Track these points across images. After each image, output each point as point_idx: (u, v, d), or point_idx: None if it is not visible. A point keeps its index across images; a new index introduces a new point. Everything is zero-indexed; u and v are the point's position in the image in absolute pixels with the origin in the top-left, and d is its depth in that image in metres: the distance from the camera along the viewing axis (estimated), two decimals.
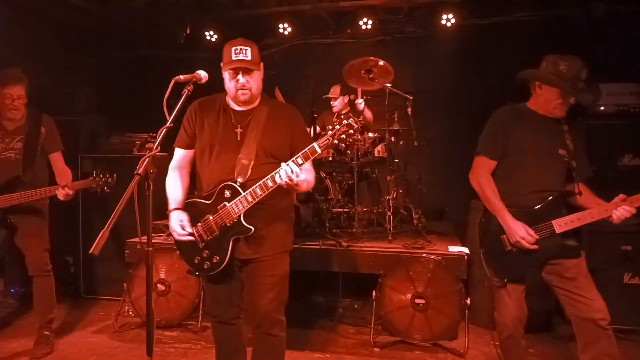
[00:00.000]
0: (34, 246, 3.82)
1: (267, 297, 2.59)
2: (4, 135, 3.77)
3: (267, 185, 2.36)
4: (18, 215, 3.73)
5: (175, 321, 4.22)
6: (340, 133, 2.27)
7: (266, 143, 2.52)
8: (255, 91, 2.55)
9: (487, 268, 2.90)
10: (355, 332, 4.24)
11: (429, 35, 5.94)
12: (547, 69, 2.80)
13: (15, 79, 3.71)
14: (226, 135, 2.55)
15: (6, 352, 3.80)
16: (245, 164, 2.47)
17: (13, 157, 3.76)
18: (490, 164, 2.89)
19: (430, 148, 5.36)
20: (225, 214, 2.46)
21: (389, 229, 4.38)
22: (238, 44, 2.48)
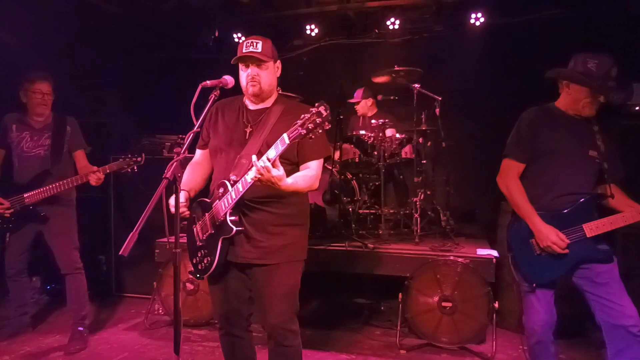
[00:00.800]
0: (63, 245, 3.96)
1: (278, 310, 2.49)
2: (32, 133, 3.94)
3: (246, 182, 2.26)
4: (48, 211, 3.89)
5: (204, 320, 4.28)
6: (309, 122, 2.08)
7: (272, 141, 2.41)
8: (265, 86, 2.51)
9: (516, 273, 2.84)
10: (381, 333, 4.23)
11: (457, 35, 5.85)
12: (575, 67, 2.73)
13: (43, 77, 3.92)
14: (236, 134, 2.53)
15: (42, 347, 3.91)
16: (244, 162, 2.40)
17: (42, 154, 3.93)
18: (519, 167, 2.83)
19: (458, 149, 5.29)
20: (216, 212, 2.42)
21: (416, 231, 4.35)
22: (251, 38, 2.49)
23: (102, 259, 5.31)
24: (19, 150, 3.92)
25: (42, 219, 3.89)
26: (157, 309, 4.46)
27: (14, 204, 3.82)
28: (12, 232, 3.91)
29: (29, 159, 3.91)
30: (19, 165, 3.93)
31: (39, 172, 3.88)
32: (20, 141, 3.93)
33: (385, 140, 4.67)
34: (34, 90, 3.87)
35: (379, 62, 5.28)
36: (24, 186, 3.85)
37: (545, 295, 2.77)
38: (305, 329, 4.21)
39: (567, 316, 2.88)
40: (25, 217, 3.87)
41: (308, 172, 2.46)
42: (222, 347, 2.75)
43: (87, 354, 3.81)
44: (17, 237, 3.93)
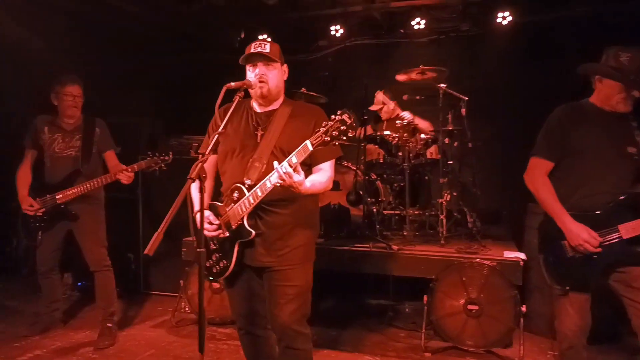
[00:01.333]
0: (92, 243, 4.06)
1: (288, 309, 2.48)
2: (64, 135, 4.05)
3: (265, 186, 2.28)
4: (79, 209, 4.01)
5: (229, 318, 4.30)
6: (333, 129, 2.08)
7: (283, 143, 2.45)
8: (273, 87, 2.50)
9: (547, 275, 2.74)
10: (405, 335, 4.20)
11: (484, 34, 5.77)
12: (607, 61, 2.65)
13: (73, 80, 4.02)
14: (247, 138, 2.53)
15: (72, 342, 4.02)
16: (257, 166, 2.43)
17: (74, 154, 4.04)
18: (547, 165, 2.74)
19: (485, 149, 5.21)
20: (232, 215, 2.43)
21: (442, 233, 4.30)
22: (259, 41, 2.51)
23: (130, 257, 5.41)
24: (51, 152, 4.03)
25: (73, 217, 4.00)
26: (183, 307, 4.52)
27: (46, 203, 3.94)
28: (44, 230, 4.03)
29: (61, 160, 4.02)
30: (51, 166, 4.04)
31: (70, 171, 3.99)
32: (52, 143, 4.03)
33: (410, 141, 4.64)
34: (65, 93, 3.97)
35: (404, 62, 5.23)
36: (55, 186, 3.97)
37: (578, 299, 2.68)
38: (329, 329, 4.25)
39: (598, 319, 2.79)
40: (56, 216, 3.99)
41: (323, 173, 2.47)
42: (243, 346, 2.78)
43: (115, 349, 3.89)
44: (49, 235, 4.05)
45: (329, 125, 2.10)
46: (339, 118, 2.09)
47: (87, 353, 3.80)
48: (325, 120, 2.47)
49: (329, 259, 4.09)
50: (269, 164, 2.40)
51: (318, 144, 2.12)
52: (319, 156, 2.45)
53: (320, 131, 2.12)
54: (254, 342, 2.73)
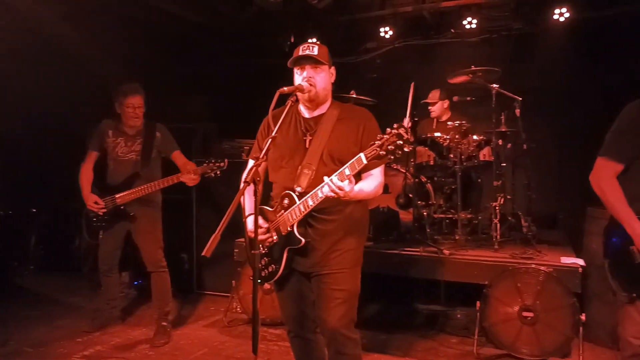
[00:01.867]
0: (149, 244, 4.21)
1: (337, 314, 2.46)
2: (126, 139, 4.21)
3: (317, 196, 2.28)
4: (137, 211, 4.16)
5: (280, 319, 4.35)
6: (388, 143, 2.06)
7: (333, 148, 2.44)
8: (320, 90, 2.48)
9: (613, 281, 2.59)
10: (457, 342, 4.11)
11: (538, 32, 5.60)
12: None
13: (135, 90, 4.14)
14: (295, 144, 2.53)
15: (130, 339, 4.17)
16: (306, 172, 2.42)
17: (135, 158, 4.20)
18: (616, 167, 2.56)
19: (540, 151, 5.03)
20: (282, 222, 2.44)
21: (495, 237, 4.19)
22: (307, 43, 2.50)
23: (184, 257, 5.55)
24: (114, 155, 4.19)
25: (131, 219, 4.16)
26: (235, 307, 4.61)
27: (107, 204, 4.12)
28: (105, 230, 4.21)
29: (123, 163, 4.18)
30: (114, 169, 4.21)
31: (130, 174, 4.16)
32: (116, 146, 4.19)
33: (462, 143, 4.55)
34: (127, 104, 4.10)
35: (455, 63, 5.13)
36: (115, 187, 4.14)
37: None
38: (379, 333, 4.22)
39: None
40: (116, 216, 4.16)
41: (372, 179, 2.46)
42: (293, 349, 2.80)
43: (170, 348, 4.01)
44: (110, 235, 4.22)
45: (385, 139, 2.08)
46: (395, 132, 2.07)
47: (144, 350, 3.94)
48: (374, 124, 2.51)
49: (378, 263, 4.06)
50: (318, 170, 2.41)
51: (372, 157, 2.13)
52: (370, 162, 2.43)
53: (375, 144, 2.11)
54: (303, 345, 2.74)
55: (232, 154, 5.35)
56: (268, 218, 2.54)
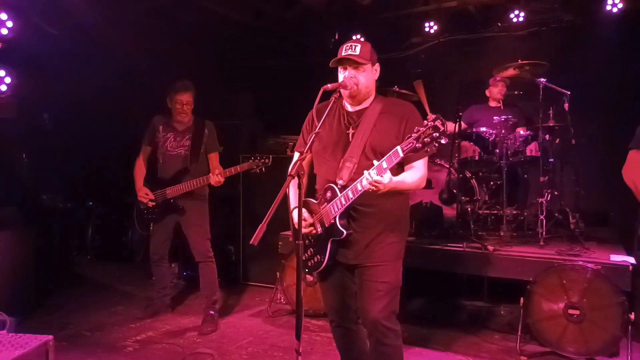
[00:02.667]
0: (197, 235, 4.37)
1: (379, 305, 2.49)
2: (175, 135, 4.38)
3: (356, 189, 2.32)
4: (186, 204, 4.32)
5: (322, 311, 4.42)
6: (425, 136, 2.06)
7: (375, 142, 2.46)
8: (362, 88, 2.50)
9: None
10: (500, 338, 4.08)
11: (589, 23, 5.41)
12: None
13: (185, 87, 4.30)
14: (339, 137, 2.57)
15: (179, 326, 4.36)
16: (348, 165, 2.46)
17: (183, 153, 4.36)
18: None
19: (590, 146, 4.91)
20: (325, 214, 2.49)
21: (541, 234, 4.13)
22: (351, 42, 2.52)
23: (231, 249, 5.72)
24: (164, 149, 4.38)
25: (181, 212, 4.33)
26: (279, 298, 4.72)
27: (157, 197, 4.31)
28: (155, 222, 4.40)
29: (172, 158, 4.36)
30: (163, 163, 4.40)
31: (179, 169, 4.33)
32: (165, 141, 4.38)
33: (509, 138, 4.49)
34: (176, 100, 4.27)
35: (501, 57, 5.04)
36: (166, 181, 4.32)
37: None
38: (420, 327, 4.24)
39: None
40: (166, 209, 4.35)
41: (414, 171, 2.47)
42: (335, 339, 2.86)
43: (217, 335, 4.16)
44: (160, 227, 4.41)
45: (421, 132, 2.09)
46: (431, 124, 2.07)
47: (193, 337, 4.11)
48: (417, 118, 2.50)
49: (421, 258, 4.08)
50: (360, 163, 2.45)
51: (409, 150, 2.14)
52: (412, 155, 2.42)
53: (411, 137, 2.12)
54: (345, 335, 2.80)
55: (277, 149, 5.48)
56: (312, 210, 2.60)
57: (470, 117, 5.29)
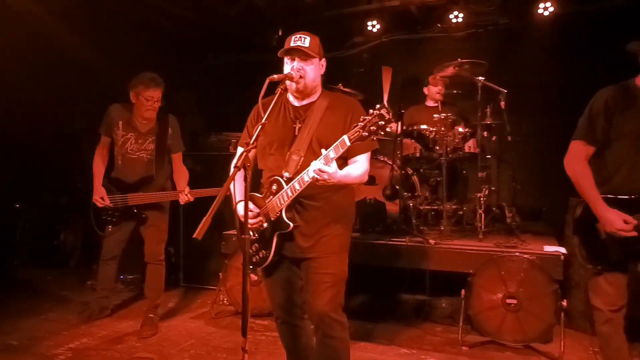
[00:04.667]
0: (154, 236, 4.19)
1: (325, 297, 2.50)
2: (137, 136, 4.11)
3: (303, 180, 2.32)
4: (148, 211, 4.13)
5: (267, 310, 4.37)
6: (371, 124, 2.08)
7: (321, 136, 2.47)
8: (309, 81, 2.51)
9: (581, 255, 2.79)
10: (442, 330, 4.18)
11: (524, 26, 5.67)
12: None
13: (156, 82, 4.01)
14: (285, 131, 2.56)
15: (117, 331, 4.16)
16: (294, 159, 2.46)
17: (145, 157, 4.13)
18: (588, 150, 2.72)
19: (525, 144, 5.13)
20: (271, 208, 2.47)
21: (480, 227, 4.26)
22: (299, 33, 2.51)
23: (170, 250, 5.54)
24: (124, 151, 4.09)
25: (142, 220, 4.14)
26: (222, 299, 4.63)
27: (116, 202, 4.07)
28: (114, 225, 4.17)
29: (132, 162, 4.10)
30: (122, 164, 4.13)
31: (143, 176, 4.10)
32: (125, 142, 4.09)
33: (448, 135, 4.60)
34: (146, 97, 3.96)
35: (441, 57, 5.19)
36: (127, 185, 4.09)
37: (615, 278, 2.71)
38: (365, 322, 4.28)
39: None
40: (126, 215, 4.13)
41: (358, 165, 2.49)
42: (281, 336, 2.83)
43: (157, 339, 4.01)
44: (119, 229, 4.19)
45: (367, 120, 2.11)
46: (377, 113, 2.09)
47: (131, 342, 3.93)
48: (362, 112, 2.49)
49: (365, 253, 4.11)
50: (306, 156, 2.44)
51: (356, 139, 2.15)
52: (355, 149, 2.45)
53: (358, 126, 2.13)
54: (291, 332, 2.77)
55: (219, 147, 5.38)
56: (257, 204, 2.56)
57: (410, 119, 5.40)
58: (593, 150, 2.72)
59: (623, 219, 2.55)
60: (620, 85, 2.72)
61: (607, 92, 2.71)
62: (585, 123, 2.74)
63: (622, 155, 2.66)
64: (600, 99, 2.71)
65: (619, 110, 2.64)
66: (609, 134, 2.67)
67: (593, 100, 2.74)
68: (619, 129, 2.64)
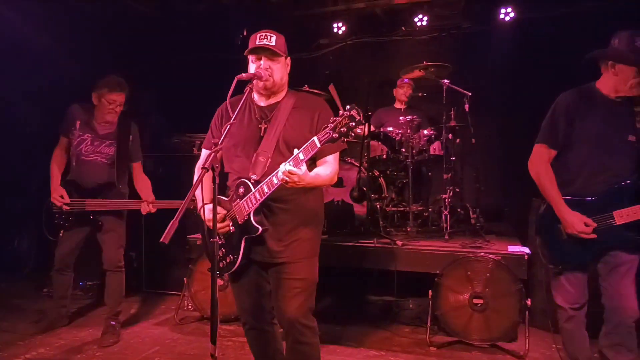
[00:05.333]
0: (112, 242, 4.04)
1: (295, 303, 2.46)
2: (94, 138, 3.97)
3: (272, 183, 2.25)
4: (104, 217, 3.98)
5: (233, 315, 4.30)
6: (341, 126, 2.05)
7: (288, 136, 2.43)
8: (277, 79, 2.47)
9: (543, 255, 2.87)
10: (410, 331, 4.20)
11: (486, 31, 5.80)
12: (620, 46, 2.66)
13: (121, 86, 3.92)
14: (250, 132, 2.51)
15: (77, 340, 4.00)
16: (261, 160, 2.41)
17: (99, 161, 3.98)
18: (550, 153, 2.80)
19: (488, 146, 5.24)
20: (238, 211, 2.42)
21: (445, 228, 4.31)
22: (264, 32, 2.46)
23: (132, 255, 5.40)
24: (78, 151, 3.96)
25: (98, 227, 3.99)
26: (186, 305, 4.53)
27: (74, 206, 3.91)
28: (66, 229, 4.00)
29: (87, 164, 3.96)
30: (76, 166, 3.98)
31: (102, 182, 3.96)
32: (81, 143, 3.95)
33: (414, 137, 4.65)
34: (109, 100, 3.88)
35: (407, 60, 5.26)
36: (83, 190, 3.94)
37: (575, 277, 2.80)
38: (334, 325, 4.25)
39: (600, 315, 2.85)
40: (81, 220, 3.97)
41: (327, 166, 2.46)
42: (249, 342, 2.77)
43: (119, 347, 3.88)
44: (72, 235, 4.02)
45: (337, 121, 2.07)
46: (347, 114, 2.06)
47: (91, 351, 3.79)
48: (328, 111, 2.50)
49: (333, 256, 4.09)
50: (274, 158, 2.40)
51: (326, 140, 2.11)
52: (324, 150, 2.40)
53: (328, 127, 2.10)
54: (260, 337, 2.72)
55: (182, 148, 5.27)
56: (224, 208, 2.50)
57: (378, 120, 5.43)
58: (555, 153, 2.80)
59: (584, 221, 2.64)
60: (581, 89, 2.80)
61: (568, 96, 2.78)
62: (547, 127, 2.82)
63: (583, 158, 2.73)
64: (561, 103, 2.78)
65: (579, 114, 2.71)
66: (571, 138, 2.74)
67: (555, 104, 2.82)
68: (580, 132, 2.72)
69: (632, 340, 2.71)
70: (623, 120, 2.70)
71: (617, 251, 2.67)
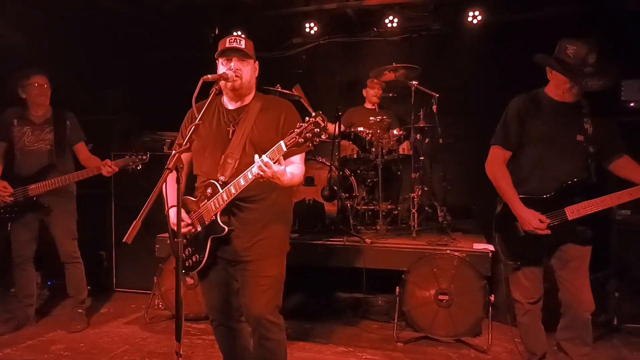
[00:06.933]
0: (63, 235, 4.11)
1: (262, 300, 2.50)
2: (33, 128, 4.05)
3: (239, 184, 2.30)
4: (51, 202, 4.03)
5: (203, 314, 4.31)
6: (307, 131, 2.11)
7: (255, 138, 2.48)
8: (245, 82, 2.51)
9: (501, 252, 3.00)
10: (378, 327, 4.28)
11: (455, 33, 5.90)
12: (557, 53, 2.81)
13: (38, 71, 4.03)
14: (218, 134, 2.55)
15: (44, 340, 3.96)
16: (229, 162, 2.45)
17: (44, 148, 4.04)
18: (505, 154, 2.94)
19: (456, 146, 5.34)
20: (205, 211, 2.46)
21: (413, 227, 4.41)
22: (234, 36, 2.53)
23: (102, 254, 5.36)
24: (21, 145, 4.02)
25: (45, 210, 4.01)
26: (157, 304, 4.51)
27: (18, 195, 3.92)
28: (14, 221, 4.01)
29: (31, 153, 4.02)
30: (21, 159, 4.03)
31: (43, 165, 4.00)
32: (22, 136, 4.02)
33: (384, 137, 4.72)
34: (31, 83, 3.97)
35: (378, 60, 5.32)
36: (27, 179, 3.95)
37: (532, 272, 2.95)
38: (303, 322, 4.31)
39: (557, 310, 2.97)
40: (27, 208, 4.00)
41: (295, 167, 2.50)
42: (217, 339, 2.80)
43: (88, 346, 3.85)
44: (23, 226, 4.05)
45: (303, 127, 2.12)
46: (313, 120, 2.11)
47: (59, 351, 3.76)
48: (294, 113, 2.57)
49: (303, 254, 4.14)
50: (241, 159, 2.44)
51: (292, 145, 2.15)
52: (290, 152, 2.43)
53: (294, 132, 2.14)
54: (228, 334, 2.75)
55: (153, 146, 5.21)
56: (191, 208, 2.53)
57: (348, 120, 5.49)
58: (510, 154, 2.94)
59: (538, 218, 2.76)
60: (532, 94, 2.94)
61: (519, 101, 2.93)
62: (501, 129, 2.96)
63: (535, 158, 2.88)
64: (513, 107, 2.93)
65: (530, 117, 2.85)
66: (523, 139, 2.89)
67: (507, 108, 2.97)
68: (531, 134, 2.86)
69: (588, 333, 2.83)
70: (571, 121, 2.83)
71: (569, 245, 2.81)
